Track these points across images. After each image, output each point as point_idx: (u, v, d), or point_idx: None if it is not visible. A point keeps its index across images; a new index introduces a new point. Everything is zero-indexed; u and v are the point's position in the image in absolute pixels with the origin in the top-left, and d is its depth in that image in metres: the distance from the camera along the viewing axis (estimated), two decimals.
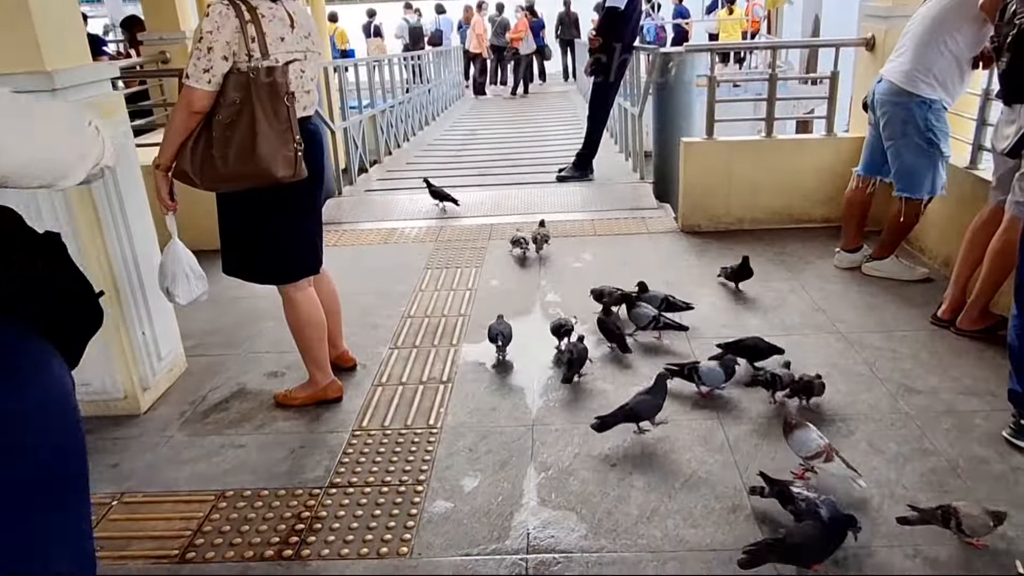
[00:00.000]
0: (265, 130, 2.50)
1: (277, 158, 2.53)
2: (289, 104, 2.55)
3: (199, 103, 2.51)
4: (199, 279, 2.92)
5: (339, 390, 3.12)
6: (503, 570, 2.17)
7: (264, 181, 2.56)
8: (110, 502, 2.57)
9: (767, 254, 4.59)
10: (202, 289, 2.93)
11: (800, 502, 2.18)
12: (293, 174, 2.59)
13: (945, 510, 2.16)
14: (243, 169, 2.52)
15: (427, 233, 5.40)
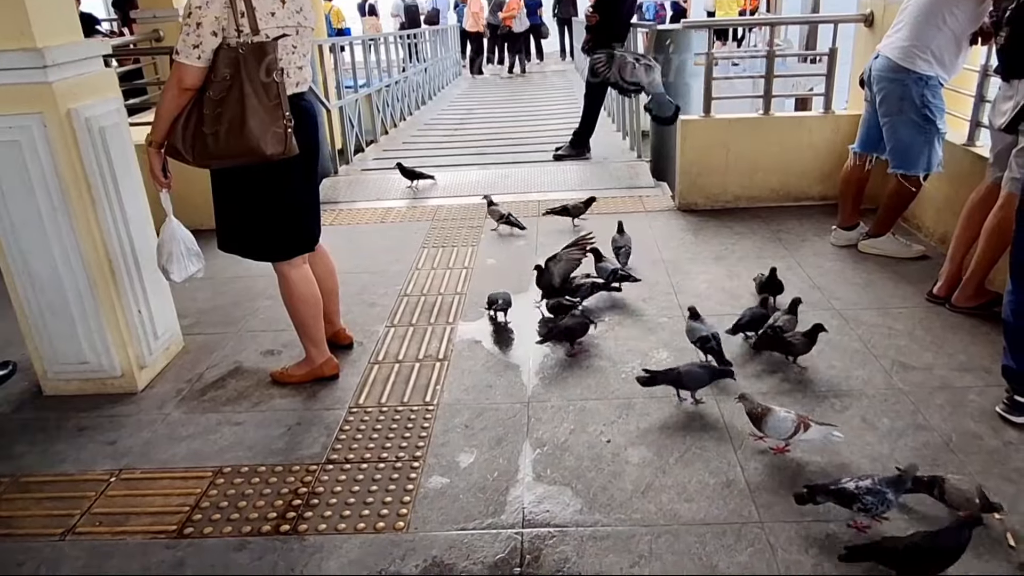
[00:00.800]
0: (255, 106, 2.49)
1: (267, 135, 2.52)
2: (279, 80, 2.53)
3: (189, 79, 2.49)
4: (194, 257, 2.92)
5: (335, 368, 3.12)
6: (498, 544, 2.19)
7: (254, 158, 2.55)
8: (108, 479, 2.58)
9: (764, 232, 4.58)
10: (197, 267, 2.93)
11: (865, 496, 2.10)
12: (283, 151, 2.58)
13: (932, 479, 2.17)
14: (233, 146, 2.51)
15: (423, 212, 5.39)
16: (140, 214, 3.21)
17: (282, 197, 2.79)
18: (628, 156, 7.14)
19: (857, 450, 2.52)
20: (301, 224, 2.92)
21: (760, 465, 2.47)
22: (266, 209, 2.79)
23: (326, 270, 3.22)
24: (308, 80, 2.82)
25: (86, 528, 2.35)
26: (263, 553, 2.20)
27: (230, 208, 2.83)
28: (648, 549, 2.14)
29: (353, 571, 2.11)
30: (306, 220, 2.94)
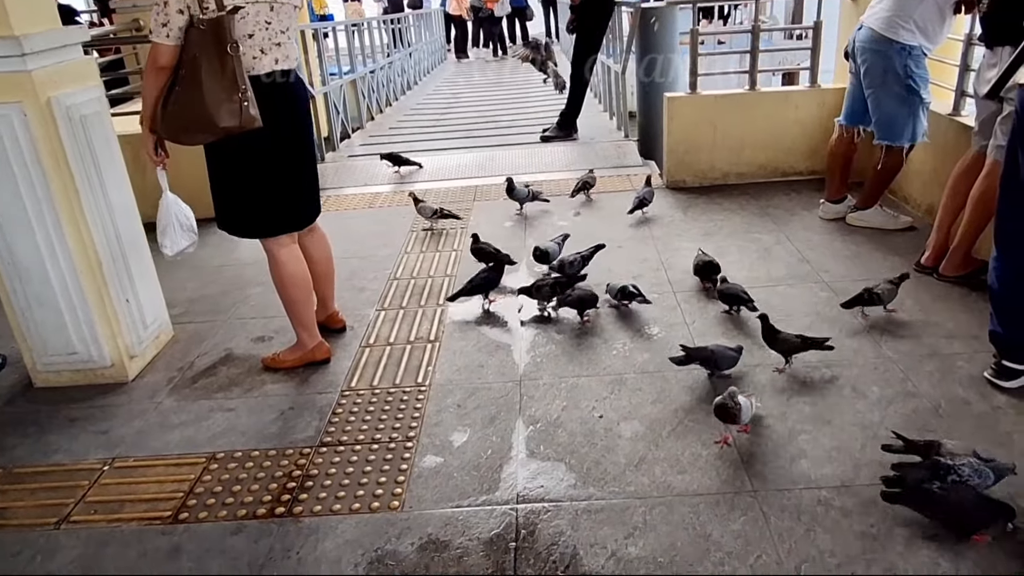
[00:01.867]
0: (209, 80, 2.50)
1: (220, 109, 2.53)
2: (233, 54, 2.53)
3: (162, 58, 2.53)
4: (187, 231, 2.95)
5: (327, 352, 3.12)
6: (493, 520, 2.20)
7: (212, 131, 2.57)
8: (101, 467, 2.58)
9: (752, 207, 4.59)
10: (189, 241, 2.95)
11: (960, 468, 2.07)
12: (239, 124, 2.58)
13: (929, 443, 2.19)
14: (190, 119, 2.55)
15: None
16: (125, 203, 3.19)
17: (263, 173, 2.79)
18: (615, 136, 7.12)
19: (848, 418, 2.53)
20: (288, 201, 2.91)
21: (752, 436, 2.48)
22: (251, 184, 2.80)
23: (323, 254, 3.22)
24: (292, 58, 2.80)
25: (81, 517, 2.35)
26: (259, 536, 2.20)
27: (219, 185, 2.85)
28: (642, 521, 2.15)
29: (350, 551, 2.12)
30: (294, 197, 2.93)
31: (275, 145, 2.75)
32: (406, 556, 2.09)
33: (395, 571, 2.04)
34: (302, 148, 2.92)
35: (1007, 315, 2.64)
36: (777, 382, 2.77)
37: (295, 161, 2.90)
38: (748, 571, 1.96)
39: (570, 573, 1.99)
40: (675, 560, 2.01)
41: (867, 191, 4.17)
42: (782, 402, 2.65)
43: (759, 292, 3.44)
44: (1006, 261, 2.63)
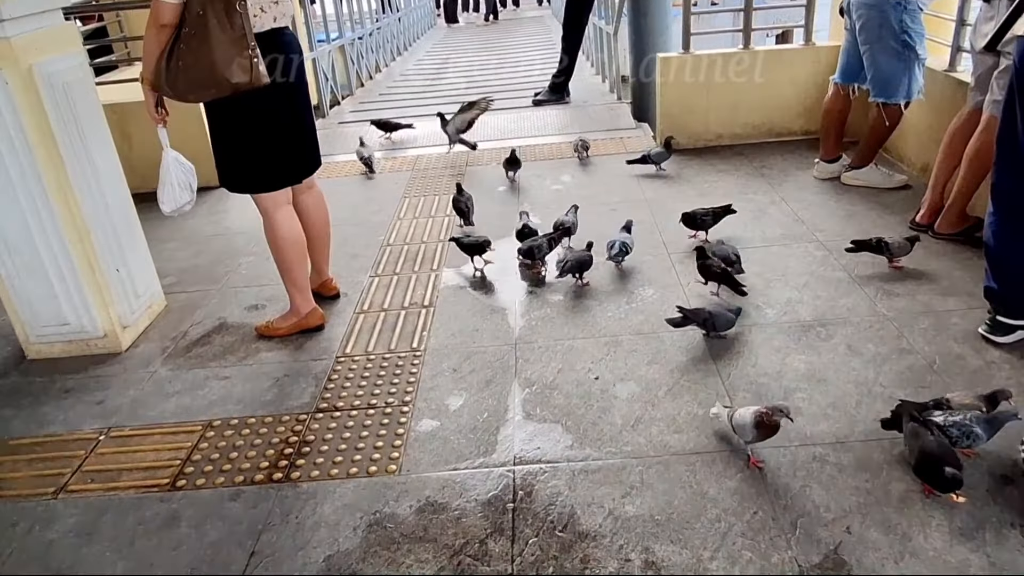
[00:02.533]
0: (219, 38, 2.48)
1: (232, 65, 2.52)
2: (242, 11, 2.51)
3: (165, 16, 2.49)
4: (185, 189, 2.93)
5: (321, 318, 3.11)
6: (491, 482, 2.21)
7: (223, 88, 2.55)
8: (97, 437, 2.57)
9: (747, 168, 4.56)
10: (187, 199, 2.94)
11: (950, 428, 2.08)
12: (250, 80, 2.56)
13: (938, 402, 2.19)
14: (202, 77, 2.53)
15: (404, 162, 5.31)
16: (112, 172, 3.14)
17: (267, 127, 2.79)
18: (608, 99, 7.04)
19: (843, 376, 2.54)
20: (288, 153, 2.90)
21: (748, 394, 2.49)
22: (253, 139, 2.79)
23: (320, 217, 3.21)
24: (288, 16, 2.79)
25: (78, 486, 2.35)
26: (257, 501, 2.21)
27: (220, 141, 2.84)
28: (639, 479, 2.16)
29: (348, 514, 2.12)
30: (295, 149, 2.92)
31: (275, 99, 2.75)
32: (404, 518, 2.10)
33: (394, 533, 2.05)
34: (300, 101, 2.91)
35: (1002, 271, 2.64)
36: (773, 341, 2.77)
37: (294, 114, 2.88)
38: (744, 527, 1.97)
39: (568, 532, 2.00)
40: (672, 517, 2.02)
41: (862, 150, 4.14)
42: (778, 361, 2.65)
43: (754, 253, 3.44)
44: (1001, 217, 2.62)
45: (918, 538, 1.89)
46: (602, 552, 1.93)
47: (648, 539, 1.96)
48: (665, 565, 1.88)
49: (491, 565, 1.92)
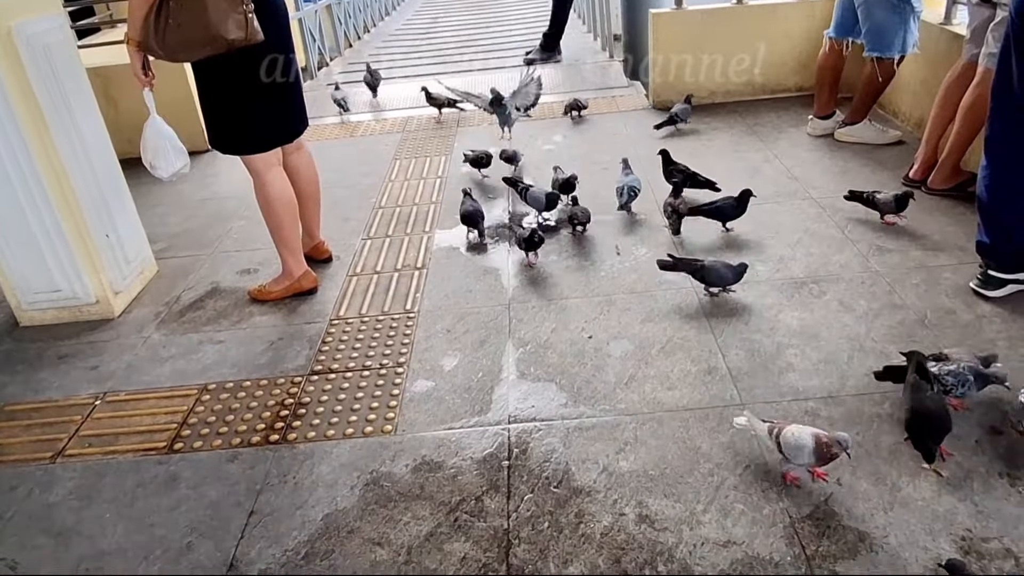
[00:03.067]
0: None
1: (227, 21, 2.49)
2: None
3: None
4: (180, 153, 2.91)
5: (314, 281, 3.10)
6: (486, 440, 2.23)
7: (218, 45, 2.52)
8: (93, 402, 2.58)
9: (740, 126, 4.52)
10: (183, 162, 2.91)
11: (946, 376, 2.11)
12: (245, 36, 2.54)
13: (936, 357, 2.21)
14: (197, 35, 2.49)
15: (393, 124, 5.25)
16: (98, 136, 3.10)
17: (254, 86, 2.75)
18: (600, 57, 6.95)
19: (835, 331, 2.55)
20: (272, 116, 2.87)
21: (741, 351, 2.50)
22: (244, 99, 2.76)
23: (310, 177, 3.18)
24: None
25: (76, 451, 2.36)
26: (255, 463, 2.23)
27: (211, 102, 2.81)
28: (633, 436, 2.18)
29: (345, 474, 2.14)
30: (280, 111, 2.89)
31: (261, 58, 2.71)
32: (401, 477, 2.12)
33: (391, 491, 2.07)
34: (286, 58, 2.86)
35: (994, 225, 2.64)
36: (766, 298, 2.78)
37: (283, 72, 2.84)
38: (737, 480, 2.00)
39: (563, 488, 2.03)
40: (665, 472, 2.05)
41: (856, 105, 4.11)
42: (771, 318, 2.66)
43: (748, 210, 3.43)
44: (995, 170, 2.61)
45: (907, 488, 1.92)
46: (596, 507, 1.96)
47: (642, 493, 1.99)
48: (659, 518, 1.90)
49: (487, 521, 1.95)
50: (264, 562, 1.89)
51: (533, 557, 1.83)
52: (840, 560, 1.75)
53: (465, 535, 1.91)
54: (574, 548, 1.85)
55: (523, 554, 1.84)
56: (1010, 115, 2.53)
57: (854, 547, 1.78)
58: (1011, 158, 2.57)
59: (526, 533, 1.90)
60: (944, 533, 1.79)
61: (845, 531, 1.82)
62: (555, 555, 1.83)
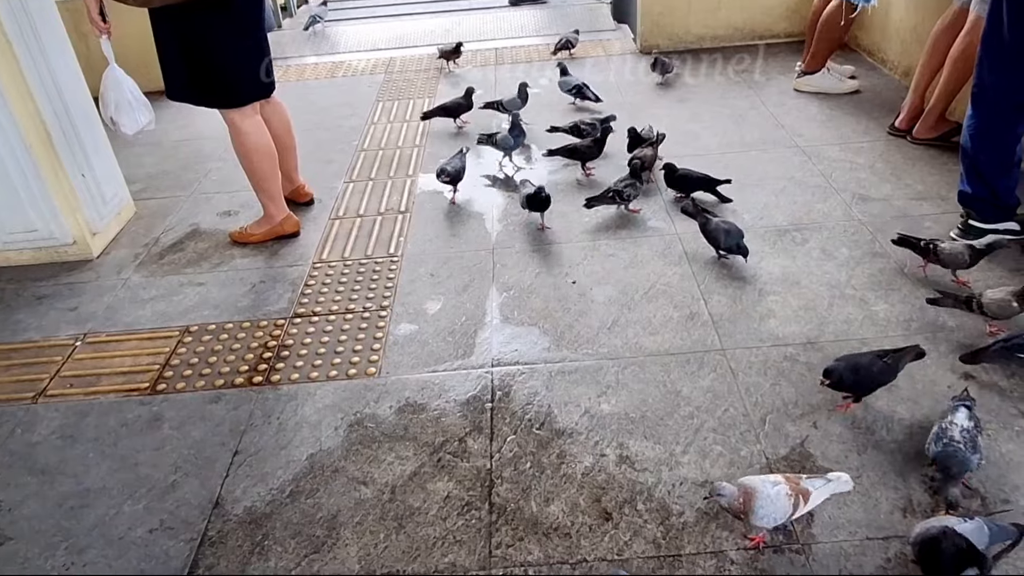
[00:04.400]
0: None
1: None
2: None
3: None
4: (144, 107, 2.81)
5: (295, 225, 3.06)
6: (469, 383, 2.25)
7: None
8: (73, 343, 2.56)
9: (727, 71, 4.47)
10: (148, 118, 2.83)
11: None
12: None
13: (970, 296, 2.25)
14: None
15: (376, 65, 5.13)
16: (70, 72, 3.01)
17: (226, 40, 2.65)
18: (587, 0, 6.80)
19: (816, 279, 2.58)
20: (249, 70, 2.78)
21: (723, 298, 2.52)
22: (212, 53, 2.66)
23: (282, 124, 3.10)
24: None
25: (57, 391, 2.35)
26: (239, 403, 2.23)
27: (176, 54, 2.69)
28: (615, 379, 2.21)
29: (329, 415, 2.16)
30: (253, 66, 2.80)
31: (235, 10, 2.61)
32: (385, 418, 2.14)
33: (375, 432, 2.09)
34: (259, 10, 2.77)
35: (977, 174, 2.65)
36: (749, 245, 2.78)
37: (256, 26, 2.76)
38: (716, 423, 2.03)
39: (545, 430, 2.06)
40: (646, 415, 2.08)
41: (814, 52, 4.05)
42: (753, 265, 2.67)
43: (733, 158, 3.43)
44: (980, 119, 2.61)
45: (881, 431, 1.97)
46: (578, 448, 1.99)
47: (623, 435, 2.02)
48: (639, 459, 1.94)
49: (470, 461, 1.98)
50: (249, 500, 1.91)
51: (515, 496, 1.87)
52: None
53: (448, 475, 1.94)
54: (555, 487, 1.89)
55: (505, 493, 1.88)
56: (1000, 60, 2.52)
57: None
58: (998, 103, 2.56)
59: (508, 473, 1.93)
60: (914, 474, 1.84)
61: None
62: (537, 494, 1.87)
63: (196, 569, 1.75)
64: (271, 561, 1.75)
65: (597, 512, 1.81)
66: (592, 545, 1.73)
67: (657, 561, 1.68)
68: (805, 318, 2.40)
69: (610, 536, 1.75)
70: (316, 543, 1.79)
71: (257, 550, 1.78)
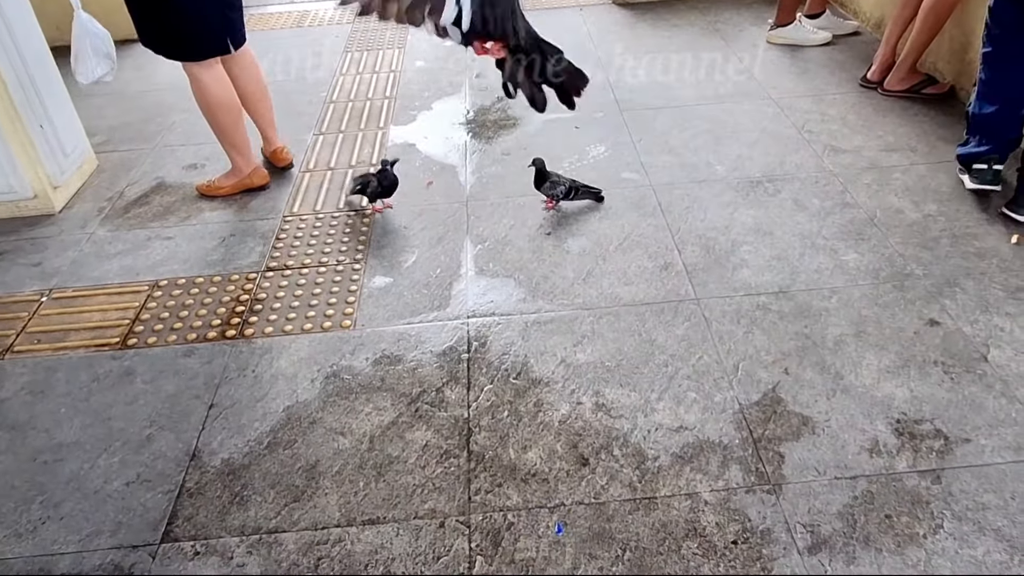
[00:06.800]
0: None
1: None
2: None
3: None
4: (103, 58, 2.71)
5: (264, 177, 3.00)
6: (445, 334, 2.25)
7: None
8: (39, 299, 2.50)
9: (701, 23, 4.43)
10: (106, 69, 2.72)
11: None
12: None
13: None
14: None
15: (343, 14, 4.99)
16: (24, 20, 2.89)
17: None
18: None
19: (788, 229, 2.60)
20: (209, 22, 2.68)
21: (697, 248, 2.54)
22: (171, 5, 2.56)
23: (253, 78, 2.98)
24: None
25: (24, 347, 2.30)
26: (212, 357, 2.21)
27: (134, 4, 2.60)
28: (591, 329, 2.23)
29: (305, 367, 2.15)
30: (214, 19, 2.70)
31: None
32: (361, 370, 2.13)
33: (351, 384, 2.09)
34: None
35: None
36: (723, 196, 2.81)
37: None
38: (690, 370, 2.06)
39: (522, 379, 2.07)
40: (621, 364, 2.10)
41: (783, 3, 4.04)
42: (726, 216, 2.69)
43: (706, 109, 3.42)
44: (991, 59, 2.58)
45: (849, 376, 2.02)
46: (554, 396, 2.01)
47: (598, 383, 2.04)
48: (614, 407, 1.97)
49: (448, 411, 1.99)
50: (227, 452, 1.91)
51: (493, 443, 1.89)
52: (784, 442, 1.85)
53: (426, 424, 1.95)
54: (533, 435, 1.91)
55: (483, 440, 1.90)
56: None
57: (798, 430, 1.88)
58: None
59: (486, 422, 1.95)
60: (881, 416, 1.90)
61: (790, 416, 1.91)
62: (514, 441, 1.89)
63: (175, 519, 1.75)
64: (251, 511, 1.76)
65: (574, 458, 1.84)
66: (569, 490, 1.76)
67: (633, 503, 1.72)
68: (777, 268, 2.43)
69: (587, 481, 1.78)
70: (296, 492, 1.79)
71: (236, 500, 1.78)
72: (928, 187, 2.78)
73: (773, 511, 1.69)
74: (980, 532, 1.62)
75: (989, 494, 1.70)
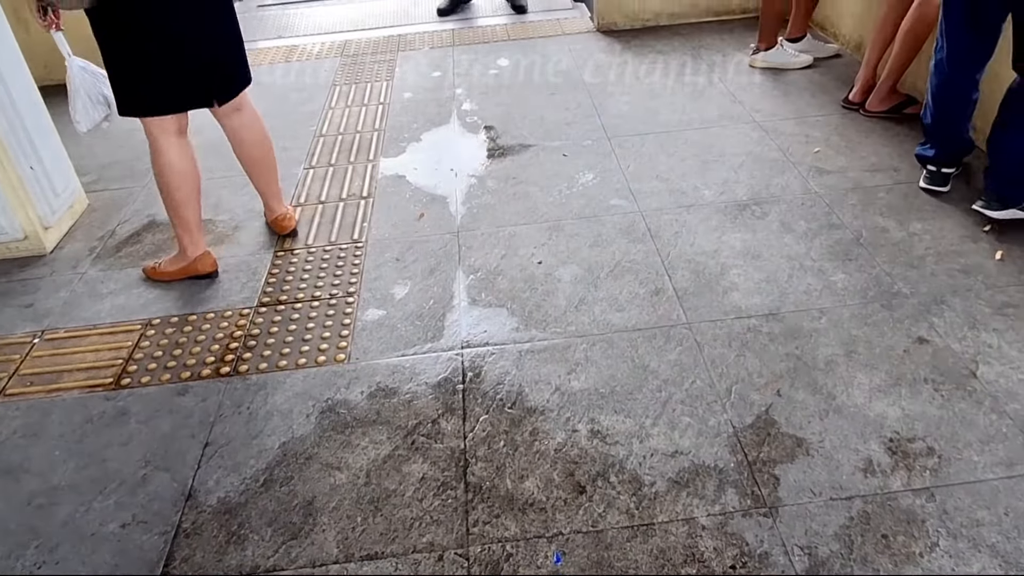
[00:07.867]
0: None
1: None
2: None
3: None
4: (99, 103, 2.66)
5: (212, 265, 2.72)
6: (440, 365, 2.26)
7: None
8: (31, 340, 2.50)
9: (685, 49, 4.51)
10: (104, 114, 2.69)
11: None
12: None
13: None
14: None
15: (331, 48, 5.06)
16: (11, 60, 2.91)
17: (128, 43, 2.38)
18: None
19: (776, 251, 2.63)
20: (155, 78, 2.44)
21: (687, 272, 2.57)
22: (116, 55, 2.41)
23: (254, 139, 2.80)
24: None
25: (17, 390, 2.30)
26: (207, 395, 2.21)
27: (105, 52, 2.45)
28: (584, 357, 2.24)
29: (300, 402, 2.15)
30: (178, 71, 2.45)
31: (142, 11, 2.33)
32: (357, 403, 2.14)
33: (347, 417, 2.09)
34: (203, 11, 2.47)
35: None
36: (711, 220, 2.84)
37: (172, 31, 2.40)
38: (683, 395, 2.08)
39: (517, 408, 2.08)
40: (615, 390, 2.11)
41: (763, 30, 4.11)
42: (715, 240, 2.72)
43: (692, 134, 3.47)
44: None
45: (841, 396, 2.03)
46: (550, 424, 2.02)
47: (593, 410, 2.05)
48: (610, 433, 1.98)
49: (444, 442, 1.99)
50: (223, 490, 1.90)
51: (490, 474, 1.89)
52: (779, 464, 1.86)
53: (423, 456, 1.96)
54: (529, 464, 1.91)
55: (480, 471, 1.90)
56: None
57: (792, 452, 1.89)
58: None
59: (482, 452, 1.95)
60: (874, 436, 1.91)
61: (784, 438, 1.92)
62: (511, 471, 1.89)
63: (172, 561, 1.74)
64: (248, 550, 1.75)
65: (571, 486, 1.85)
66: (567, 518, 1.77)
67: (631, 530, 1.72)
68: (767, 290, 2.46)
69: (584, 509, 1.79)
70: (293, 530, 1.79)
71: (234, 540, 1.78)
72: (912, 206, 2.82)
73: (770, 534, 1.70)
74: (975, 549, 1.63)
75: (983, 510, 1.71)
